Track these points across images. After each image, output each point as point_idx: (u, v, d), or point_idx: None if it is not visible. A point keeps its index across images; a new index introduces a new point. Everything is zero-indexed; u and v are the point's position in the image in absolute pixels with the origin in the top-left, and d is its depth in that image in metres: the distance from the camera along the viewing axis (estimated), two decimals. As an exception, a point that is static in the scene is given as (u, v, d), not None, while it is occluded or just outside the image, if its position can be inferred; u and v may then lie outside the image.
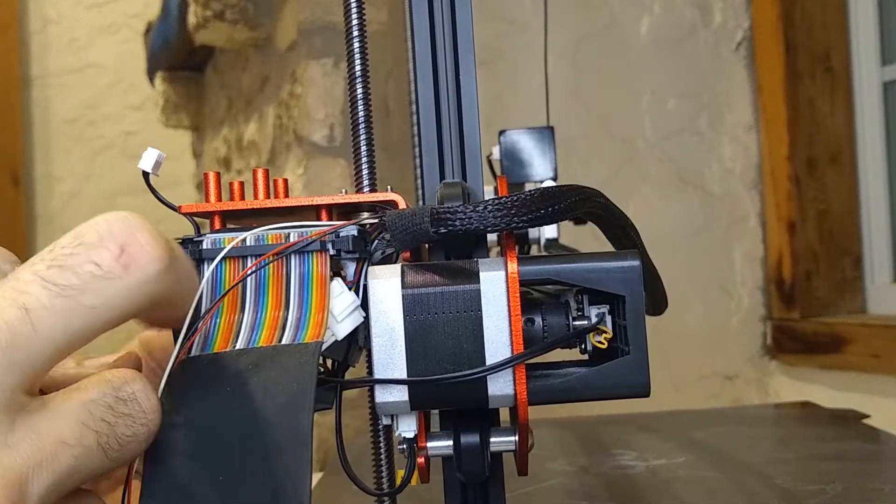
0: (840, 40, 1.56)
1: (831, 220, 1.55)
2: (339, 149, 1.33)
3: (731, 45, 1.64)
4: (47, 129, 2.73)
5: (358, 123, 0.38)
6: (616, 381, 0.32)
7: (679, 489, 0.66)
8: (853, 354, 1.44)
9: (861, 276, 1.56)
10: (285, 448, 0.27)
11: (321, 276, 0.32)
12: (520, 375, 0.32)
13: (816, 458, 0.74)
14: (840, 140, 1.56)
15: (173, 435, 0.28)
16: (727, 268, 1.63)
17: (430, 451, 0.35)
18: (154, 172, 0.33)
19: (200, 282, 0.33)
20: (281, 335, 0.31)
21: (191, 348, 0.31)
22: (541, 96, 0.99)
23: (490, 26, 1.56)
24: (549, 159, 0.78)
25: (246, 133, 1.69)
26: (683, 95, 1.63)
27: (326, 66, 1.33)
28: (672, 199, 1.62)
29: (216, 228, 0.35)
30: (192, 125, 2.19)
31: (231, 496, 0.27)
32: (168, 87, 2.13)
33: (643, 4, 1.62)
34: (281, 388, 0.28)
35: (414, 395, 0.32)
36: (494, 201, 0.31)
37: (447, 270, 0.32)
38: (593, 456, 0.78)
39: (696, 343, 1.60)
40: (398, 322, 0.32)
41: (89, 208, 2.73)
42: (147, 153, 0.33)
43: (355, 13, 0.37)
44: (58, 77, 2.73)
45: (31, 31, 2.73)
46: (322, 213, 0.35)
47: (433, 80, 0.39)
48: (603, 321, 0.33)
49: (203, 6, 1.48)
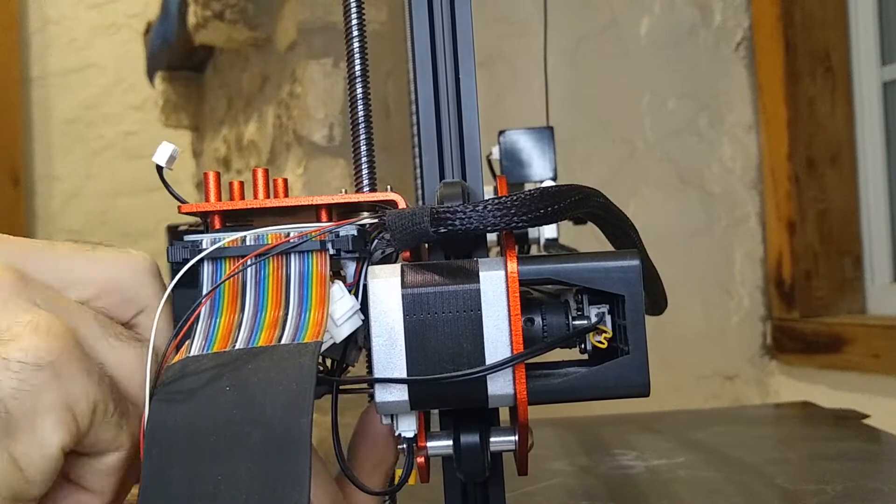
0: (840, 40, 1.56)
1: (831, 220, 1.55)
2: (338, 149, 1.33)
3: (731, 45, 1.64)
4: (47, 129, 2.73)
5: (358, 123, 0.37)
6: (616, 380, 0.32)
7: (679, 489, 0.66)
8: (853, 354, 1.44)
9: (861, 276, 1.56)
10: (285, 448, 0.27)
11: (321, 275, 0.32)
12: (520, 375, 0.32)
13: (816, 458, 0.74)
14: (840, 140, 1.56)
15: (172, 434, 0.28)
16: (727, 268, 1.63)
17: (430, 450, 0.35)
18: (168, 167, 0.33)
19: (201, 282, 0.33)
20: (280, 335, 0.31)
21: (190, 348, 0.31)
22: (541, 97, 0.99)
23: (490, 27, 1.56)
24: (548, 159, 0.79)
25: (246, 133, 1.69)
26: (683, 95, 1.63)
27: (326, 66, 1.33)
28: (672, 199, 1.62)
29: (216, 228, 0.35)
30: (191, 125, 2.19)
31: (230, 496, 0.27)
32: (168, 87, 2.13)
33: (643, 4, 1.62)
34: (280, 388, 0.28)
35: (414, 394, 0.32)
36: (494, 201, 0.31)
37: (447, 270, 0.32)
38: (593, 456, 0.78)
39: (696, 343, 1.60)
40: (398, 322, 0.32)
41: (89, 208, 2.74)
42: (162, 147, 0.33)
43: (355, 13, 0.37)
44: (58, 77, 2.73)
45: (31, 31, 2.74)
46: (322, 213, 0.35)
47: (433, 80, 0.39)
48: (603, 321, 0.33)
49: (203, 6, 1.48)
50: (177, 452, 0.28)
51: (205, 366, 0.30)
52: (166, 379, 0.29)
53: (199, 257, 0.33)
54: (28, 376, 0.27)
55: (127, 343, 0.31)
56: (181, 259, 0.33)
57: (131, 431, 0.30)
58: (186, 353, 0.31)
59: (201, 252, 0.33)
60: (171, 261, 0.33)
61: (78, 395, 0.28)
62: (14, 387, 0.27)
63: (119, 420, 0.30)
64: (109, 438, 0.30)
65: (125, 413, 0.30)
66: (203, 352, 0.30)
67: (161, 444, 0.28)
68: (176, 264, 0.33)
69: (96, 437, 0.29)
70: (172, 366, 0.30)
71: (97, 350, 0.30)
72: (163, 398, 0.29)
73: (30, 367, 0.27)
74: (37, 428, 0.28)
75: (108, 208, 2.73)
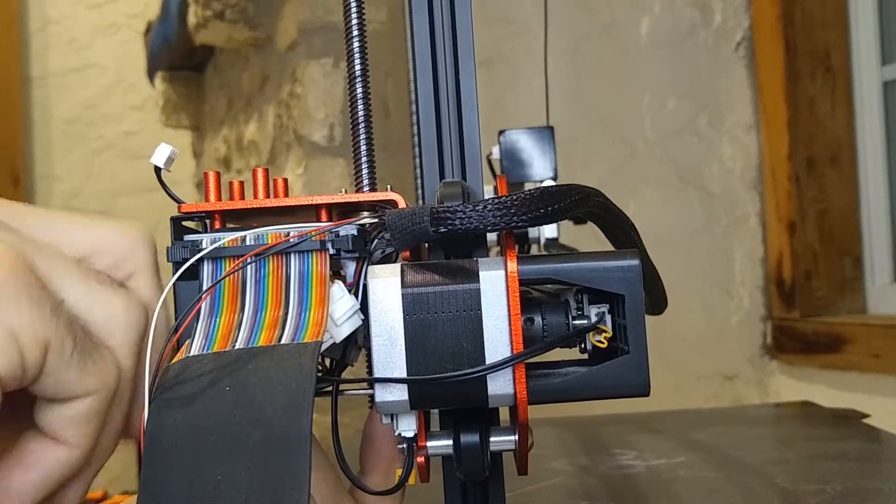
0: (840, 40, 1.56)
1: (831, 220, 1.55)
2: (338, 148, 1.33)
3: (731, 45, 1.64)
4: (47, 129, 2.73)
5: (358, 123, 0.37)
6: (616, 380, 0.32)
7: (679, 489, 0.66)
8: (853, 354, 1.44)
9: (861, 276, 1.56)
10: (284, 448, 0.27)
11: (321, 275, 0.32)
12: (520, 375, 0.32)
13: (816, 458, 0.74)
14: (840, 140, 1.56)
15: (172, 434, 0.28)
16: (727, 268, 1.63)
17: (430, 450, 0.35)
18: (166, 168, 0.33)
19: (201, 281, 0.33)
20: (280, 335, 0.31)
21: (190, 347, 0.31)
22: (541, 96, 0.99)
23: (490, 27, 1.56)
24: (548, 159, 0.79)
25: (246, 133, 1.69)
26: (683, 95, 1.63)
27: (326, 65, 1.33)
28: (672, 199, 1.62)
29: (216, 228, 0.35)
30: (192, 125, 2.19)
31: (230, 496, 0.27)
32: (168, 86, 2.13)
33: (643, 4, 1.63)
34: (280, 388, 0.28)
35: (413, 394, 0.32)
36: (494, 200, 0.31)
37: (447, 270, 0.32)
38: (593, 456, 0.78)
39: (696, 343, 1.60)
40: (398, 321, 0.32)
41: (89, 208, 2.73)
42: (160, 148, 0.33)
43: (355, 13, 0.37)
44: (58, 77, 2.73)
45: (31, 31, 2.74)
46: (322, 213, 0.35)
47: (433, 80, 0.39)
48: (603, 320, 0.33)
49: (203, 6, 1.48)
50: (177, 452, 0.28)
51: (205, 365, 0.30)
52: (166, 379, 0.29)
53: (197, 256, 0.33)
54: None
55: (110, 288, 0.30)
56: (181, 259, 0.33)
57: (103, 377, 0.29)
58: (186, 353, 0.31)
59: (198, 251, 0.33)
60: (170, 260, 0.34)
61: (23, 324, 0.27)
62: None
63: (82, 361, 0.28)
64: (72, 380, 0.28)
65: (90, 354, 0.29)
66: (203, 351, 0.31)
67: (161, 443, 0.28)
68: (176, 264, 0.33)
69: (56, 378, 0.28)
70: (172, 366, 0.30)
71: (61, 287, 0.29)
72: (163, 398, 0.29)
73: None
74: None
75: (108, 208, 2.73)
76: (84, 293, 0.30)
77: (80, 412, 0.29)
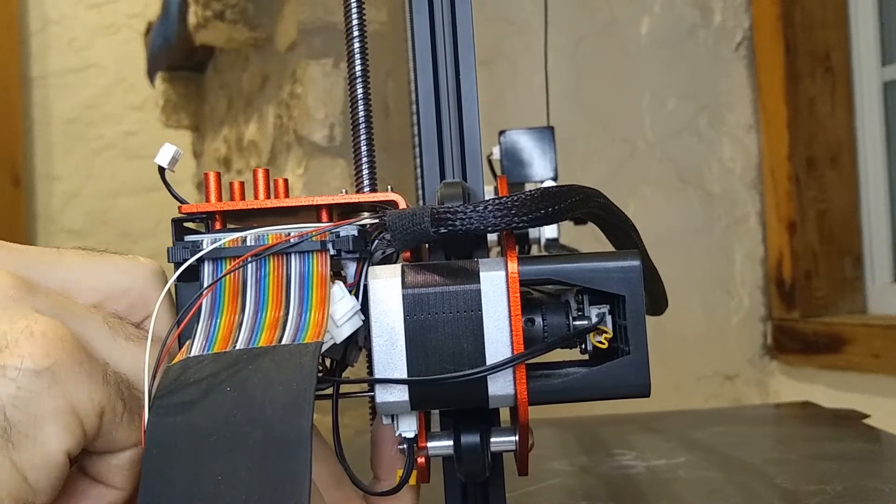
0: (840, 40, 1.56)
1: (831, 220, 1.55)
2: (339, 149, 1.33)
3: (731, 46, 1.64)
4: (47, 129, 2.73)
5: (358, 123, 0.37)
6: (616, 381, 0.32)
7: (679, 489, 0.66)
8: (853, 354, 1.44)
9: (861, 276, 1.56)
10: (285, 448, 0.27)
11: (321, 276, 0.32)
12: (520, 375, 0.32)
13: (816, 458, 0.74)
14: (840, 140, 1.56)
15: (173, 434, 0.28)
16: (727, 268, 1.63)
17: (431, 450, 0.35)
18: (170, 168, 0.33)
19: (202, 281, 0.33)
20: (281, 335, 0.31)
21: (191, 348, 0.31)
22: (541, 96, 0.99)
23: (490, 26, 1.56)
24: (549, 159, 0.78)
25: (246, 133, 1.69)
26: (683, 95, 1.63)
27: (326, 66, 1.33)
28: (672, 199, 1.62)
29: (216, 228, 0.35)
30: (192, 125, 2.19)
31: (231, 496, 0.27)
32: (168, 87, 2.13)
33: (643, 4, 1.62)
34: (280, 389, 0.28)
35: (414, 394, 0.32)
36: (494, 201, 0.31)
37: (447, 270, 0.32)
38: (593, 456, 0.78)
39: (696, 343, 1.60)
40: (398, 322, 0.32)
41: (89, 208, 2.74)
42: (164, 148, 0.33)
43: (355, 13, 0.37)
44: (58, 77, 2.73)
45: (31, 31, 2.74)
46: (322, 213, 0.35)
47: (433, 80, 0.39)
48: (603, 321, 0.33)
49: (203, 6, 1.48)
50: (177, 452, 0.28)
51: (205, 366, 0.30)
52: (167, 379, 0.29)
53: (196, 257, 0.33)
54: (26, 383, 0.27)
55: (137, 343, 0.31)
56: (182, 259, 0.33)
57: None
58: (187, 354, 0.31)
59: (200, 252, 0.33)
60: (171, 261, 0.34)
61: (82, 399, 0.28)
62: (12, 394, 0.27)
63: (130, 418, 0.30)
64: (123, 437, 0.30)
65: (136, 410, 0.30)
66: (204, 352, 0.31)
67: (161, 444, 0.28)
68: (176, 264, 0.33)
69: (109, 438, 0.30)
70: (173, 366, 0.30)
71: (104, 351, 0.30)
72: (163, 399, 0.29)
73: (27, 374, 0.27)
74: (39, 435, 0.27)
75: (108, 208, 2.73)
76: (119, 354, 0.31)
77: (127, 460, 0.31)
